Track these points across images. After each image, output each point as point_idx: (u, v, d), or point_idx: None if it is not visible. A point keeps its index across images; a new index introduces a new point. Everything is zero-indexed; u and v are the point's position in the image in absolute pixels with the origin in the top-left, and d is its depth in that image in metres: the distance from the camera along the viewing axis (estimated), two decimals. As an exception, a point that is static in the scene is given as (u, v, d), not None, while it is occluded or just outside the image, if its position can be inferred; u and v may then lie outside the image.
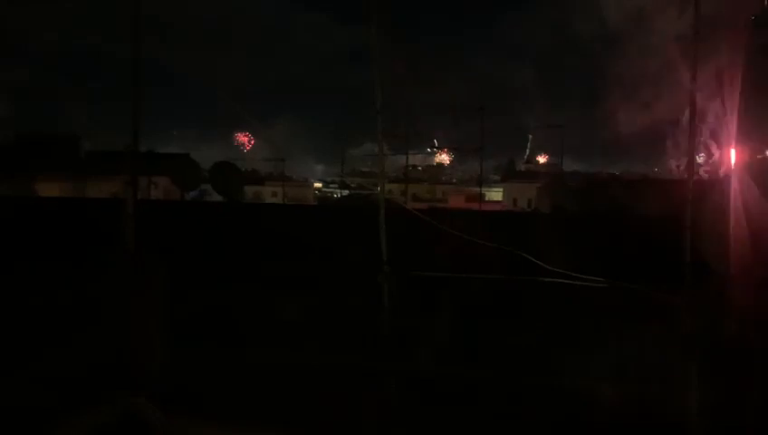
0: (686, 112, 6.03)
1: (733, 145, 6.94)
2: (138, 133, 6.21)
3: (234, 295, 9.20)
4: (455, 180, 64.07)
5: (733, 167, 6.59)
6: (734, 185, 5.98)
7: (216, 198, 34.11)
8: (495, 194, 51.79)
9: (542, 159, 73.62)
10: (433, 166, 67.32)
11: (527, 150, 78.82)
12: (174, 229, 11.86)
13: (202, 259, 10.75)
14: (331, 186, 61.26)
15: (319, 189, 60.04)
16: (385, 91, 7.62)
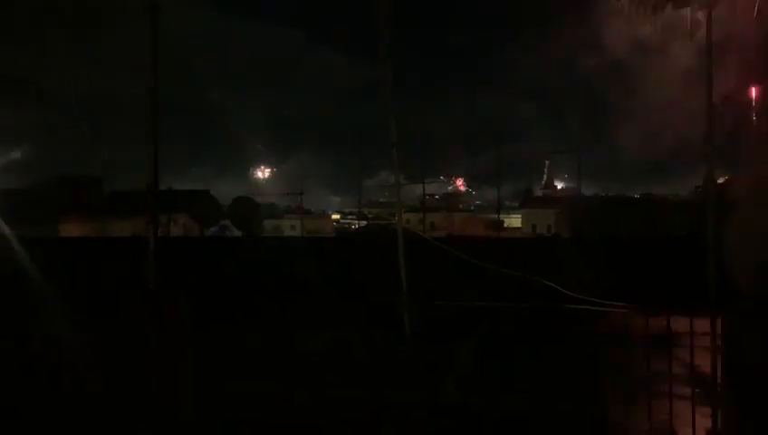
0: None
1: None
2: (158, 172, 6.30)
3: (255, 331, 9.20)
4: (472, 208, 63.97)
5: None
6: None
7: (237, 232, 34.41)
8: (514, 220, 51.57)
9: (559, 184, 73.36)
10: (450, 194, 67.32)
11: (545, 176, 78.62)
12: (194, 266, 11.95)
13: (222, 295, 10.79)
14: (348, 217, 61.48)
15: (337, 221, 60.29)
16: (400, 123, 7.69)
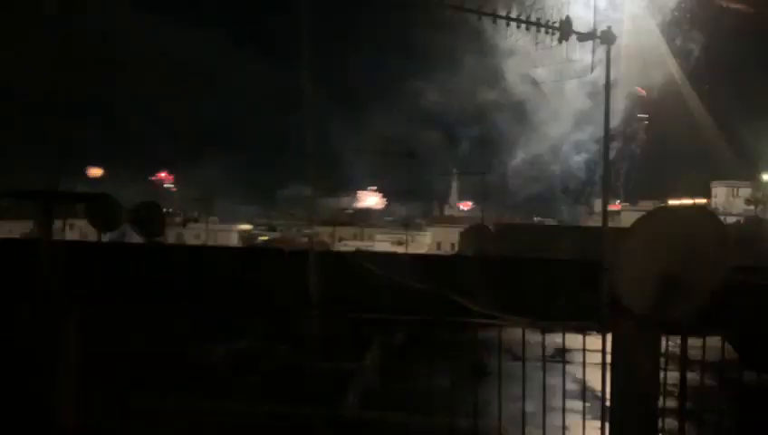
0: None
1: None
2: (56, 172, 5.96)
3: (151, 340, 8.82)
4: (382, 224, 64.66)
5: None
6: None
7: (139, 239, 32.84)
8: (422, 237, 52.58)
9: (465, 205, 75.72)
10: (361, 209, 67.75)
11: (452, 195, 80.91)
12: (89, 272, 11.33)
13: (119, 303, 10.28)
14: (258, 228, 60.33)
15: (246, 232, 58.98)
16: (315, 135, 7.70)
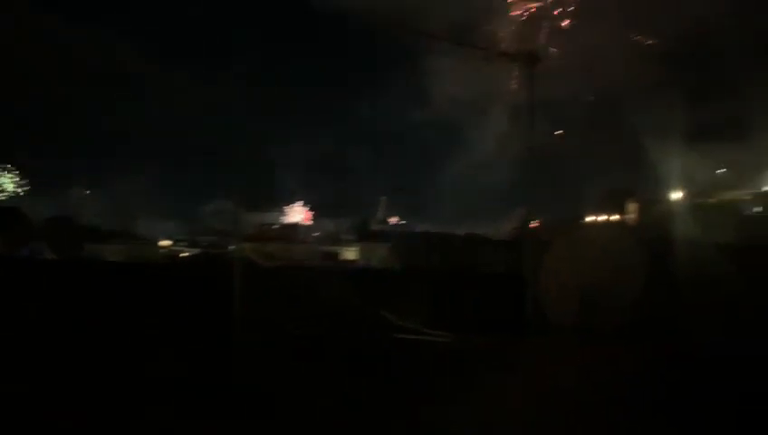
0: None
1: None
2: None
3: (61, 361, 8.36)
4: (310, 239, 63.99)
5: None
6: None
7: (51, 255, 31.14)
8: (350, 253, 52.42)
9: (393, 220, 76.17)
10: (289, 224, 66.97)
11: (379, 211, 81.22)
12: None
13: (23, 321, 9.71)
14: (180, 244, 58.30)
15: (167, 248, 56.87)
16: (241, 149, 7.56)
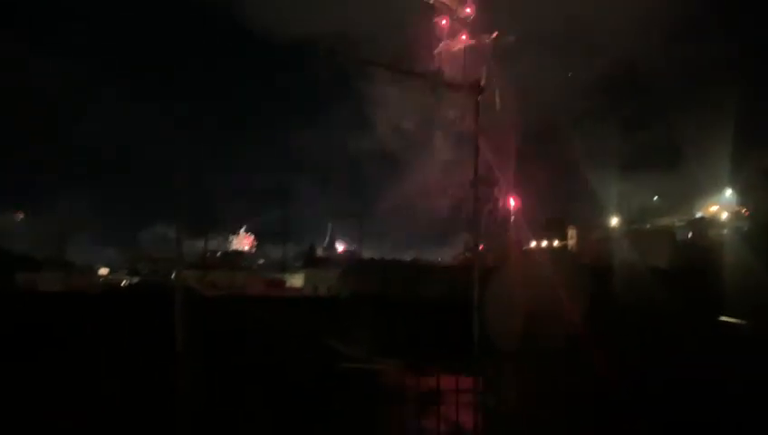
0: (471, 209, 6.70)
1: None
2: None
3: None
4: (255, 267, 62.93)
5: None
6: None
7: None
8: (296, 280, 51.78)
9: (341, 247, 75.85)
10: (233, 251, 65.78)
11: (327, 237, 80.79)
12: None
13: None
14: (119, 272, 56.32)
15: (104, 277, 54.82)
16: (184, 172, 7.38)
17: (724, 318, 10.02)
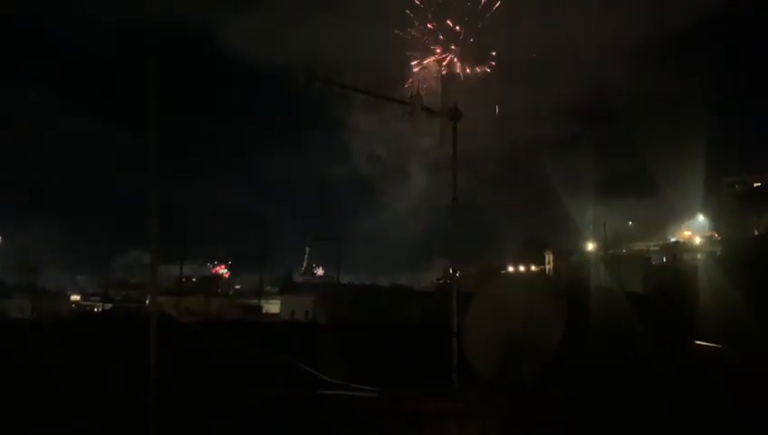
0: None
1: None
2: None
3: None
4: (231, 293, 62.32)
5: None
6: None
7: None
8: (273, 306, 51.30)
9: (319, 272, 75.53)
10: (208, 277, 65.08)
11: (304, 263, 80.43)
12: None
13: None
14: (92, 298, 55.31)
15: (77, 303, 53.74)
16: (158, 199, 7.26)
17: (699, 342, 10.09)
